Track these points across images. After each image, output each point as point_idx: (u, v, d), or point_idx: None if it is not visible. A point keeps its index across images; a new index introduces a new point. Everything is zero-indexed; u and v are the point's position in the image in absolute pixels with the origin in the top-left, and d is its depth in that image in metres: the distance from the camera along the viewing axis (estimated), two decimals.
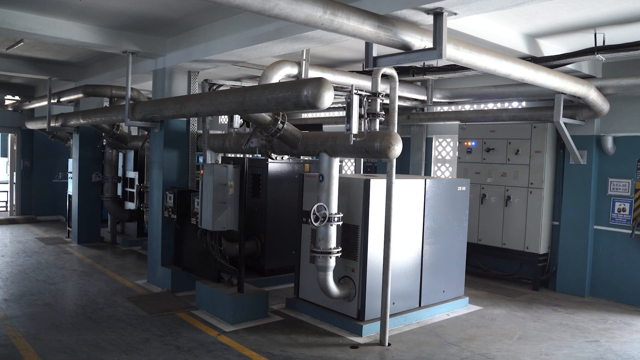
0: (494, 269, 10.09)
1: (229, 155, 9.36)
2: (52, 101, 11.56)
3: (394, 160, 6.24)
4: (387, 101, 6.40)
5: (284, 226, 8.84)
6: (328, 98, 5.13)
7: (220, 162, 8.17)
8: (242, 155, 8.37)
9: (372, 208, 6.63)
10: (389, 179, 6.23)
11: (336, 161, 6.48)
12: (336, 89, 9.74)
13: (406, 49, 5.14)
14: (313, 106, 5.13)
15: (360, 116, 5.78)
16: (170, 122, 8.44)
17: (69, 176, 12.63)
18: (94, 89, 10.02)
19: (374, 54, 5.43)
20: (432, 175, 11.74)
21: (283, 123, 6.54)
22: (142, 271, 9.57)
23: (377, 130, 6.12)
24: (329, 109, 13.16)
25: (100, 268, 9.81)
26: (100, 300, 7.72)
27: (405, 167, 11.78)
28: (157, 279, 8.63)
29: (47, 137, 13.78)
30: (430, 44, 5.09)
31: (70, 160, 12.63)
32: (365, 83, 8.42)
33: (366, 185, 6.64)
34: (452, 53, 5.27)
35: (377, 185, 6.68)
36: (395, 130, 6.09)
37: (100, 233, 12.55)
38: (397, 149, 5.89)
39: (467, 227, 8.19)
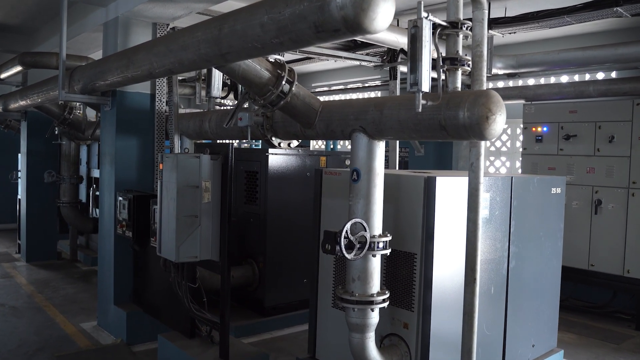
0: (574, 297, 7.47)
1: (210, 142, 6.76)
2: None
3: (482, 145, 3.62)
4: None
5: (291, 245, 6.25)
6: (386, 8, 2.52)
7: (192, 151, 5.53)
8: (230, 142, 5.73)
9: (438, 224, 4.00)
10: (475, 176, 3.61)
11: (381, 146, 3.85)
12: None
13: None
14: (355, 27, 2.51)
15: (433, 65, 3.15)
16: (125, 96, 5.83)
17: (18, 175, 10.07)
18: (33, 57, 7.37)
19: None
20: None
21: (291, 82, 3.86)
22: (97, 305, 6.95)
23: (459, 88, 3.50)
24: (346, 90, 10.51)
25: (41, 301, 7.20)
26: None
27: (446, 162, 9.16)
28: (108, 322, 6.03)
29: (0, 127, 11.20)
30: None
31: (20, 155, 10.05)
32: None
33: (429, 187, 4.01)
34: None
35: (447, 187, 4.06)
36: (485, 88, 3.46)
37: (59, 247, 9.96)
38: (500, 120, 3.24)
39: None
